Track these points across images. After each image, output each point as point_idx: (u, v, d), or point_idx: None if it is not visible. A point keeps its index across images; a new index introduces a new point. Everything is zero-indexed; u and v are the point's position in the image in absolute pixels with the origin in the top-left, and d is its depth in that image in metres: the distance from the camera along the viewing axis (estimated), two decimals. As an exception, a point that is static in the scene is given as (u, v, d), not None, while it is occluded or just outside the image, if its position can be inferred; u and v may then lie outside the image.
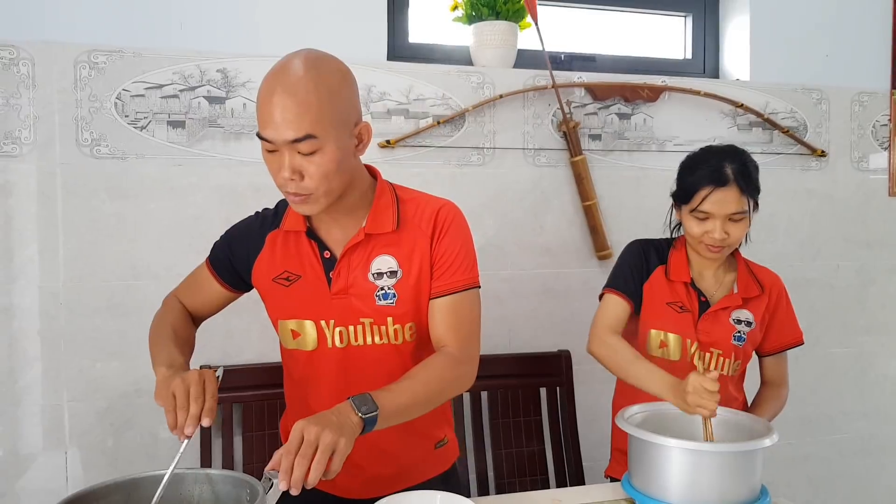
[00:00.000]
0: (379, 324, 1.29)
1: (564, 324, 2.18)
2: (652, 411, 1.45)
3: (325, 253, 1.30)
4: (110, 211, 1.86)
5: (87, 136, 1.83)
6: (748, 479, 1.27)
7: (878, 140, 2.52)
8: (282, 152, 1.15)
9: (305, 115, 1.12)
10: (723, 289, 1.66)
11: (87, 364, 1.85)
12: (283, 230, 1.33)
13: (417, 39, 2.24)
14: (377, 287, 1.28)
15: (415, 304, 1.29)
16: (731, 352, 1.62)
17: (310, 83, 1.13)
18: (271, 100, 1.12)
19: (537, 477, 2.01)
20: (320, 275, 1.30)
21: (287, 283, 1.32)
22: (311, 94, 1.12)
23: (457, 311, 1.29)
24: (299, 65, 1.14)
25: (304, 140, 1.12)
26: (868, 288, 2.54)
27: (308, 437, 1.01)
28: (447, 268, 1.29)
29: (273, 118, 1.12)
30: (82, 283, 1.84)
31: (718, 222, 1.54)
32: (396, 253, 1.29)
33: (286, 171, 1.15)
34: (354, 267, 1.29)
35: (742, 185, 1.53)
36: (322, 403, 1.18)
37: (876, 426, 2.58)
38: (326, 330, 1.30)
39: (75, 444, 1.85)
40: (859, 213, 2.52)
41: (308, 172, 1.15)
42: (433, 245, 1.30)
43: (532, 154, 2.16)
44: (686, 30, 2.52)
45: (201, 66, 1.90)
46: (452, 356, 1.26)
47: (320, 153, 1.14)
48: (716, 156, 1.58)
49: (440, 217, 1.31)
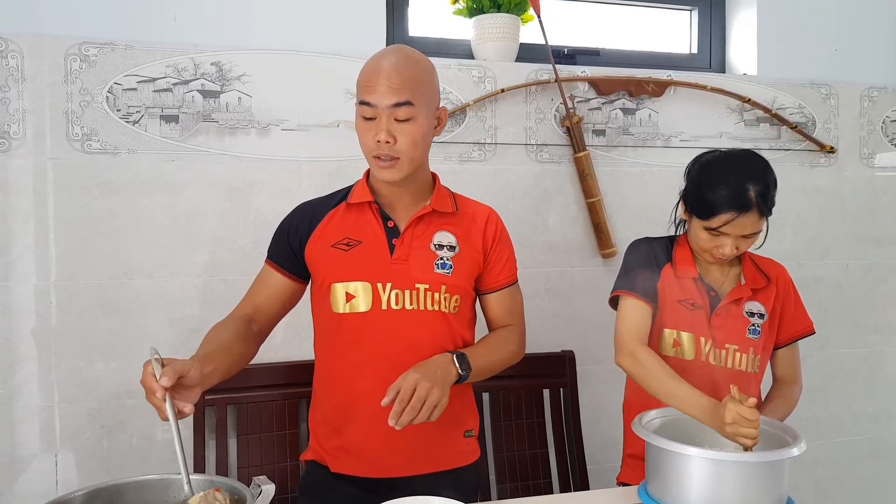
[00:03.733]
0: (433, 290, 1.41)
1: (568, 323, 2.14)
2: (670, 416, 1.40)
3: (389, 223, 1.43)
4: (102, 207, 1.81)
5: (78, 131, 1.78)
6: (774, 490, 1.20)
7: (888, 136, 2.47)
8: (379, 119, 1.31)
9: (406, 84, 1.31)
10: (729, 281, 1.61)
11: (79, 364, 1.81)
12: (348, 203, 1.45)
13: (417, 33, 2.19)
14: (437, 256, 1.43)
15: (465, 280, 1.45)
16: (749, 346, 1.57)
17: (411, 62, 1.35)
18: (379, 70, 1.31)
19: (540, 481, 1.96)
20: (382, 241, 1.42)
21: (347, 247, 1.42)
22: (411, 70, 1.33)
23: (514, 299, 1.55)
24: (401, 49, 1.37)
25: (403, 105, 1.31)
26: (878, 287, 2.49)
27: (420, 392, 1.23)
28: (503, 265, 1.51)
29: (379, 85, 1.30)
30: (73, 280, 1.80)
31: (731, 241, 1.50)
32: (455, 232, 1.46)
33: (383, 133, 1.31)
34: (418, 236, 1.43)
35: (762, 210, 1.47)
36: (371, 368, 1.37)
37: (886, 428, 2.52)
38: (382, 293, 1.39)
39: (66, 447, 1.81)
40: (868, 211, 2.46)
41: (401, 138, 1.32)
42: (491, 245, 1.49)
43: (535, 150, 2.12)
44: (692, 23, 2.47)
45: (195, 59, 1.85)
46: (518, 332, 1.54)
47: (412, 122, 1.33)
48: (738, 173, 1.49)
49: (493, 219, 1.52)
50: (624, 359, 1.53)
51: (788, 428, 1.31)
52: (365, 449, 1.40)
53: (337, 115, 1.95)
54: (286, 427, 1.87)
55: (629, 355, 1.52)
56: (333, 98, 1.95)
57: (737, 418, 1.25)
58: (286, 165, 1.92)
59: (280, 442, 1.86)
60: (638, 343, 1.53)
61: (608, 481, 2.07)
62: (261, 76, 1.89)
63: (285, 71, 1.91)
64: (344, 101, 1.95)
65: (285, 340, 1.92)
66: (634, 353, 1.51)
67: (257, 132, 1.90)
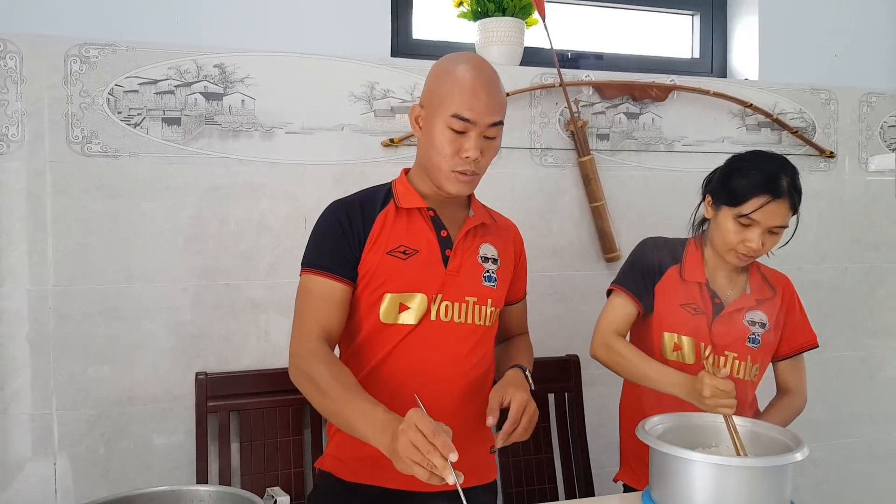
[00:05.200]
0: (481, 304, 1.41)
1: (572, 327, 2.13)
2: (674, 422, 1.40)
3: (443, 232, 1.41)
4: (102, 211, 1.78)
5: (77, 134, 1.75)
6: (778, 495, 1.20)
7: (885, 141, 2.49)
8: (470, 134, 1.30)
9: (502, 103, 1.34)
10: (736, 290, 1.62)
11: (78, 370, 1.77)
12: (398, 206, 1.40)
13: (422, 36, 2.18)
14: (484, 269, 1.43)
15: (504, 294, 1.48)
16: (747, 355, 1.58)
17: (498, 78, 1.35)
18: (481, 85, 1.29)
19: (545, 486, 1.95)
20: (436, 251, 1.39)
21: (404, 256, 1.38)
22: (502, 88, 1.36)
23: (525, 311, 1.65)
24: (486, 62, 1.36)
25: (497, 125, 1.33)
26: (876, 290, 2.51)
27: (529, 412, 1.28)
28: (523, 279, 1.58)
29: (480, 101, 1.29)
30: (73, 285, 1.76)
31: (759, 232, 1.50)
32: (496, 244, 1.47)
33: (473, 150, 1.30)
34: (467, 248, 1.42)
35: (794, 200, 1.50)
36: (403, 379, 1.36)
37: (884, 430, 2.54)
38: (433, 304, 1.38)
39: (65, 454, 1.77)
40: (867, 215, 2.48)
41: (485, 154, 1.34)
42: (517, 258, 1.53)
43: (539, 154, 2.11)
44: (694, 28, 2.47)
45: (198, 61, 1.82)
46: (529, 339, 1.63)
47: (497, 138, 1.35)
48: (770, 163, 1.52)
49: (517, 235, 1.57)
50: (598, 350, 1.58)
51: (790, 433, 1.32)
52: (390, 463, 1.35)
53: (341, 118, 1.93)
54: (290, 434, 1.84)
55: (603, 346, 1.57)
56: (338, 101, 1.93)
57: (714, 391, 1.31)
58: (290, 169, 1.90)
59: (284, 449, 1.83)
60: (613, 335, 1.57)
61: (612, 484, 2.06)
62: (264, 78, 1.87)
63: (289, 73, 1.89)
64: (349, 105, 1.93)
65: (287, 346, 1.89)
66: (608, 344, 1.56)
67: (261, 135, 1.88)
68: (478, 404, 1.45)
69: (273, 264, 1.89)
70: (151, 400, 1.82)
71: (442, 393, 1.38)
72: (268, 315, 1.89)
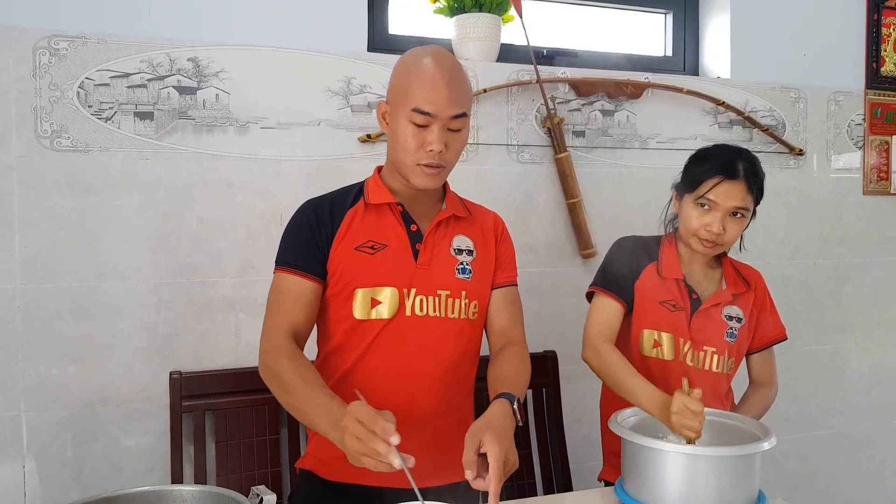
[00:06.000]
0: (455, 297, 1.39)
1: (549, 324, 2.14)
2: (646, 414, 1.41)
3: (412, 226, 1.40)
4: (72, 207, 1.74)
5: (46, 128, 1.71)
6: (746, 483, 1.23)
7: (852, 139, 2.54)
8: (432, 128, 1.28)
9: (465, 95, 1.33)
10: (711, 285, 1.64)
11: (47, 371, 1.73)
12: (367, 203, 1.40)
13: (398, 31, 2.16)
14: (458, 261, 1.41)
15: (483, 285, 1.44)
16: (725, 349, 1.61)
17: (461, 70, 1.34)
18: (441, 77, 1.28)
19: (524, 482, 1.95)
20: (406, 245, 1.39)
21: (372, 251, 1.38)
22: (465, 79, 1.34)
23: (513, 299, 1.51)
24: (449, 55, 1.34)
25: (461, 117, 1.31)
26: (843, 285, 2.56)
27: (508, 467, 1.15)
28: (507, 263, 1.50)
29: (440, 94, 1.27)
30: (42, 284, 1.72)
31: (719, 216, 1.52)
32: (471, 235, 1.45)
33: (436, 143, 1.28)
34: (438, 241, 1.41)
35: (750, 183, 1.52)
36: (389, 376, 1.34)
37: (851, 423, 2.60)
38: (407, 299, 1.36)
39: (34, 457, 1.72)
40: (835, 212, 2.53)
41: (452, 147, 1.32)
42: (497, 244, 1.49)
43: (516, 150, 2.11)
44: (666, 27, 2.50)
45: (171, 54, 1.79)
46: (526, 350, 1.46)
47: (463, 131, 1.34)
48: (729, 151, 1.57)
49: (498, 222, 1.54)
50: (588, 355, 1.57)
51: (759, 424, 1.35)
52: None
53: (317, 113, 1.91)
54: (266, 433, 1.82)
55: (593, 351, 1.55)
56: (314, 96, 1.91)
57: (681, 409, 1.28)
58: (265, 165, 1.87)
59: (260, 448, 1.81)
60: (603, 340, 1.56)
61: (589, 479, 2.08)
62: (239, 73, 1.84)
63: (264, 68, 1.86)
64: (325, 100, 1.91)
65: (263, 344, 1.87)
66: (598, 350, 1.54)
67: (235, 130, 1.85)
68: (459, 400, 1.45)
69: (248, 262, 1.86)
70: (123, 400, 1.78)
71: (422, 388, 1.38)
72: (243, 313, 1.87)
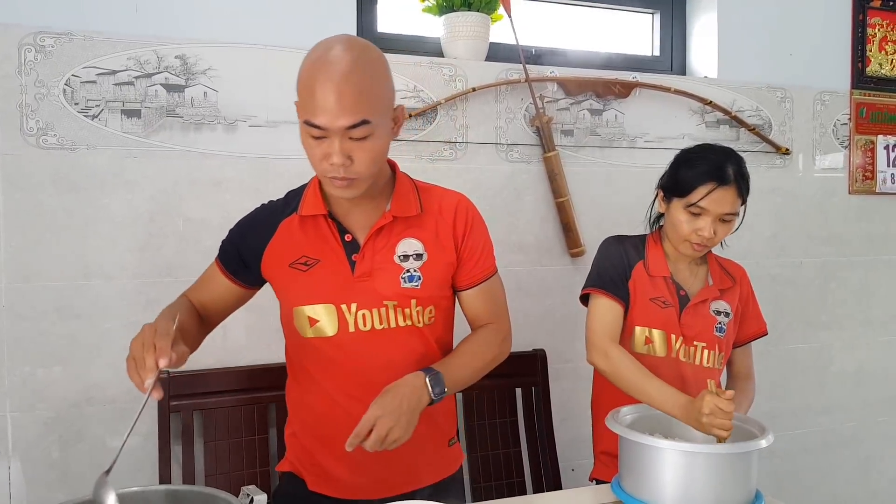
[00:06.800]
0: (403, 306, 1.29)
1: (538, 322, 2.14)
2: (643, 412, 1.42)
3: (347, 236, 1.30)
4: (58, 205, 1.72)
5: (32, 125, 1.69)
6: (744, 481, 1.23)
7: (838, 139, 2.57)
8: (331, 139, 1.15)
9: (361, 100, 1.13)
10: (698, 282, 1.65)
11: (32, 371, 1.71)
12: (300, 215, 1.32)
13: (387, 29, 2.16)
14: (403, 269, 1.30)
15: (437, 290, 1.33)
16: (715, 344, 1.62)
17: (361, 69, 1.14)
18: (325, 86, 1.12)
19: (514, 480, 1.96)
20: (342, 258, 1.30)
21: (305, 267, 1.30)
22: (364, 80, 1.14)
23: (490, 295, 1.40)
24: (346, 51, 1.15)
25: (360, 126, 1.14)
26: (829, 284, 2.58)
27: (379, 432, 1.11)
28: (477, 260, 1.36)
29: (327, 105, 1.12)
30: (27, 283, 1.70)
31: (710, 221, 1.53)
32: (421, 236, 1.32)
33: (337, 156, 1.15)
34: (379, 249, 1.30)
35: (740, 187, 1.53)
36: (345, 391, 1.29)
37: (837, 420, 2.62)
38: (347, 314, 1.29)
39: (19, 458, 1.70)
40: (821, 211, 2.56)
41: (358, 157, 1.17)
42: (461, 239, 1.35)
43: (505, 149, 2.11)
44: (654, 27, 2.51)
45: (158, 51, 1.78)
46: (498, 331, 1.39)
47: (371, 138, 1.17)
48: (716, 153, 1.57)
49: (461, 210, 1.36)
50: (597, 358, 1.55)
51: (755, 421, 1.36)
52: (340, 475, 1.33)
53: (306, 111, 1.90)
54: (255, 433, 1.81)
55: (602, 355, 1.54)
56: (302, 94, 1.90)
57: (714, 410, 1.28)
58: (254, 163, 1.86)
59: (249, 448, 1.80)
60: (610, 342, 1.55)
61: (577, 478, 2.09)
62: (227, 70, 1.83)
63: (253, 65, 1.85)
64: (314, 98, 1.91)
65: (250, 343, 1.87)
66: (608, 353, 1.53)
67: (224, 128, 1.84)
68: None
69: (237, 260, 1.85)
70: (110, 401, 1.77)
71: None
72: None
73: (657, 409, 1.42)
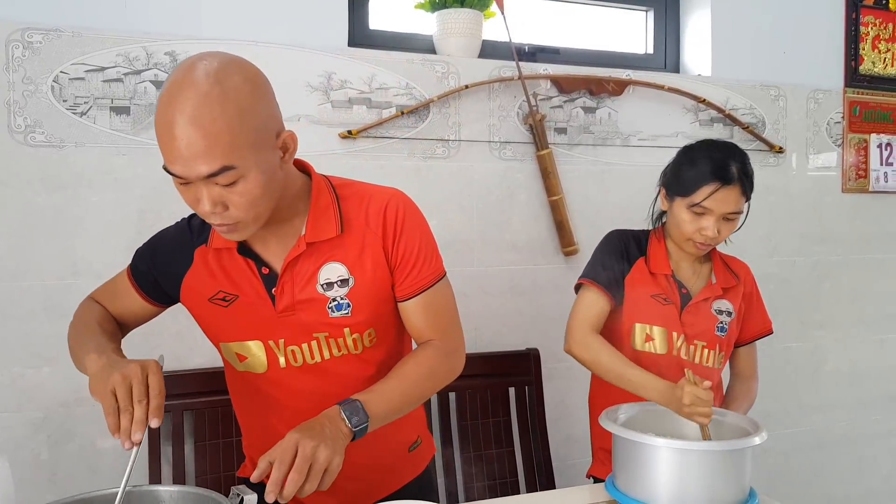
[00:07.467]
0: (335, 336, 1.19)
1: (531, 321, 2.13)
2: (637, 410, 1.41)
3: (263, 269, 1.18)
4: (46, 204, 1.70)
5: (20, 122, 1.67)
6: (738, 479, 1.23)
7: (831, 137, 2.57)
8: (196, 185, 1.00)
9: (216, 145, 0.96)
10: (700, 280, 1.64)
11: (21, 371, 1.70)
12: (211, 248, 1.19)
13: (379, 26, 2.15)
14: (329, 298, 1.17)
15: (372, 310, 1.20)
16: (716, 343, 1.60)
17: (215, 106, 0.96)
18: (173, 132, 0.95)
19: (507, 479, 1.95)
20: (261, 293, 1.18)
21: (225, 303, 1.19)
22: (218, 121, 0.96)
23: (433, 306, 1.24)
24: (199, 83, 0.96)
25: (221, 173, 0.98)
26: (822, 283, 2.58)
27: (304, 452, 0.97)
28: (412, 267, 1.21)
29: (179, 152, 0.96)
30: (14, 282, 1.68)
31: (713, 220, 1.51)
32: (344, 258, 1.18)
33: (206, 203, 1.01)
34: (299, 280, 1.17)
35: (744, 185, 1.51)
36: (289, 424, 1.07)
37: (831, 419, 2.62)
38: (276, 350, 1.19)
39: (7, 459, 1.68)
40: (814, 210, 2.55)
41: (232, 203, 1.02)
42: (391, 246, 1.20)
43: (498, 147, 2.10)
44: (647, 24, 2.50)
45: (148, 48, 1.76)
46: (439, 348, 1.22)
47: (242, 181, 1.01)
48: (719, 151, 1.54)
49: (390, 214, 1.20)
50: (575, 347, 1.55)
51: (749, 419, 1.35)
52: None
53: (298, 108, 1.89)
54: (246, 432, 1.80)
55: (580, 344, 1.54)
56: (293, 91, 1.88)
57: (694, 399, 1.31)
58: (245, 161, 1.85)
59: (239, 448, 1.78)
60: (590, 331, 1.55)
61: (571, 477, 2.08)
62: (218, 67, 1.81)
63: (243, 62, 1.84)
64: (305, 95, 1.90)
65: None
66: (586, 341, 1.54)
67: (214, 126, 1.82)
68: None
69: (228, 259, 1.84)
70: (100, 400, 1.75)
71: None
72: (222, 311, 1.84)
73: (636, 393, 1.43)
